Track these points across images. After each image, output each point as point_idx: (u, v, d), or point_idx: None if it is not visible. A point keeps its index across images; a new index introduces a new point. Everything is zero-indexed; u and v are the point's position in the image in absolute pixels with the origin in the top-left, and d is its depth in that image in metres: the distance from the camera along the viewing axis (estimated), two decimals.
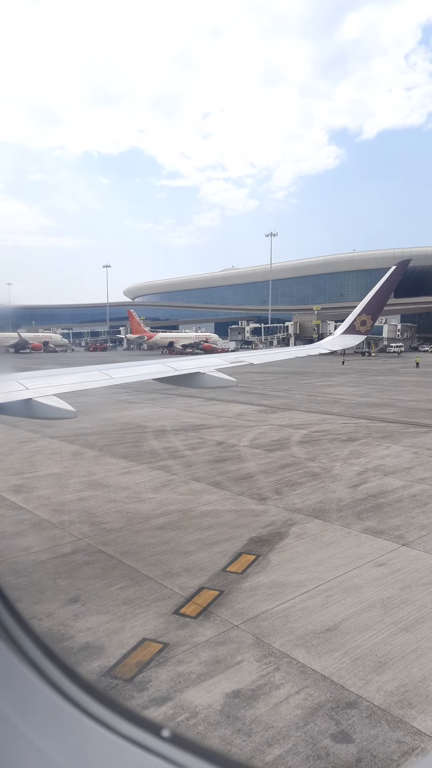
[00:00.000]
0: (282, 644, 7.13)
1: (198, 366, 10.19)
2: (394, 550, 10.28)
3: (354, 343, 15.15)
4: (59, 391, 7.98)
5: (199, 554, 10.07)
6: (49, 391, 7.84)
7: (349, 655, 6.90)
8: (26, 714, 1.23)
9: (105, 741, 1.23)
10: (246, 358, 12.01)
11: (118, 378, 9.22)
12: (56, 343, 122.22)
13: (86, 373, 9.60)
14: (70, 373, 9.76)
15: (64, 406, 7.55)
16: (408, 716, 5.78)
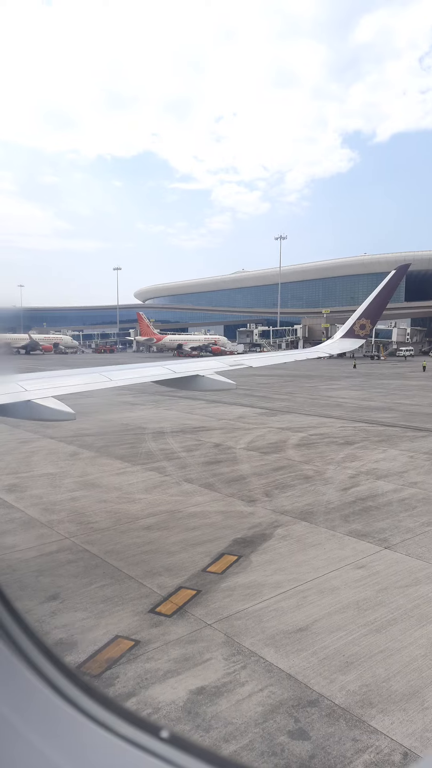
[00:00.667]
0: (252, 643, 7.23)
1: (197, 369, 10.21)
2: (376, 552, 10.33)
3: (354, 346, 15.13)
4: (58, 393, 8.02)
5: (182, 554, 10.20)
6: (48, 393, 7.89)
7: (317, 654, 6.98)
8: (25, 714, 1.23)
9: (104, 742, 1.23)
10: (245, 361, 12.04)
11: (117, 380, 9.27)
12: (66, 345, 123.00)
13: (86, 375, 9.65)
14: (70, 375, 9.79)
15: (62, 408, 7.59)
16: (367, 715, 5.86)
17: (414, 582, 9.08)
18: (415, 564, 9.79)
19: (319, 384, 46.53)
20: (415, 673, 6.60)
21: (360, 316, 14.61)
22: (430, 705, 6.02)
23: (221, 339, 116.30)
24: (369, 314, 14.63)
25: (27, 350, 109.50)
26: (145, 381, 9.87)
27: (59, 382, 8.64)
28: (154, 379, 9.82)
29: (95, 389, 9.10)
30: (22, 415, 7.71)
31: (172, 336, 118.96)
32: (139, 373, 10.05)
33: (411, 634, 7.46)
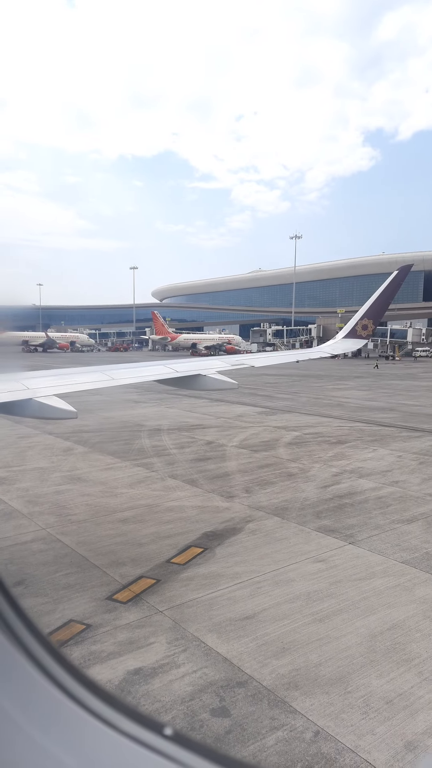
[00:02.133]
0: (197, 629, 7.57)
1: (199, 368, 10.20)
2: (339, 547, 10.59)
3: (356, 347, 15.19)
4: (60, 392, 8.02)
5: (151, 546, 10.57)
6: (50, 392, 7.89)
7: (256, 641, 7.30)
8: (27, 710, 1.23)
9: (106, 738, 1.23)
10: (248, 361, 12.08)
11: (120, 379, 9.32)
12: (83, 343, 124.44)
13: (89, 374, 9.63)
14: (73, 373, 9.86)
15: (64, 406, 7.60)
16: (290, 697, 6.17)
17: (369, 576, 9.34)
18: (374, 559, 10.04)
19: (326, 384, 46.60)
20: (347, 660, 6.88)
21: (362, 316, 14.64)
22: (353, 689, 6.31)
23: (235, 338, 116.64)
24: (371, 314, 14.66)
25: (44, 348, 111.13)
26: (147, 380, 9.89)
27: (62, 380, 8.73)
28: (156, 378, 9.82)
29: (97, 388, 9.14)
30: (24, 413, 7.73)
31: (186, 335, 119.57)
32: (141, 372, 10.10)
33: (352, 624, 7.74)
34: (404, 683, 6.42)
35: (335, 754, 5.32)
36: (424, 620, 7.86)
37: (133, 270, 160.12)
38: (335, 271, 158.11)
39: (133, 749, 1.20)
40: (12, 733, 1.17)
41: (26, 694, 1.29)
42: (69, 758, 1.14)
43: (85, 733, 1.25)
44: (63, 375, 9.32)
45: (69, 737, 1.23)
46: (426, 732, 5.63)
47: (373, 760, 5.24)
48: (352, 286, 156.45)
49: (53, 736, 1.19)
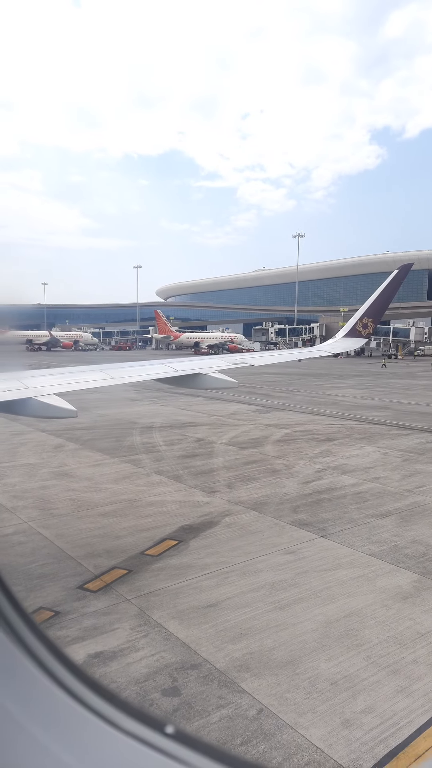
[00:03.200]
0: (160, 616, 7.89)
1: (199, 367, 10.22)
2: (310, 540, 10.89)
3: (356, 346, 15.26)
4: (60, 390, 8.01)
5: (127, 539, 10.90)
6: (50, 390, 7.88)
7: (216, 627, 7.61)
8: (29, 709, 1.23)
9: (107, 737, 1.23)
10: (247, 360, 12.11)
11: (120, 378, 9.30)
12: (86, 342, 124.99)
13: (89, 373, 9.58)
14: (74, 372, 9.78)
15: (64, 405, 7.59)
16: (239, 678, 6.48)
17: (335, 567, 9.63)
18: (342, 551, 10.33)
19: (324, 383, 46.80)
20: (300, 644, 7.19)
21: (362, 315, 14.65)
22: (302, 672, 6.61)
23: (238, 337, 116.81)
24: (371, 313, 14.67)
25: (48, 347, 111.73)
26: (147, 379, 9.87)
27: (63, 379, 8.77)
28: (156, 377, 9.81)
29: (97, 387, 9.09)
30: (24, 412, 7.69)
31: (189, 334, 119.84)
32: (141, 371, 10.07)
33: (310, 612, 8.04)
34: (351, 666, 6.72)
35: (274, 730, 5.63)
36: (381, 609, 8.15)
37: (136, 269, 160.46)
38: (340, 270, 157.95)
39: (134, 747, 1.20)
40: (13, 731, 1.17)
41: (27, 693, 1.29)
42: (70, 757, 1.14)
43: (87, 732, 1.25)
44: (64, 374, 9.33)
45: (70, 736, 1.23)
46: (364, 711, 5.92)
47: (309, 736, 5.54)
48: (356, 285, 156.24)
49: (54, 735, 1.19)
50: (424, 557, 10.05)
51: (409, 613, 8.03)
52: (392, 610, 8.12)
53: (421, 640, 7.29)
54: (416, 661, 6.82)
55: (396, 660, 6.84)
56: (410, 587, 8.86)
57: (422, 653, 6.99)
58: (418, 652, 7.01)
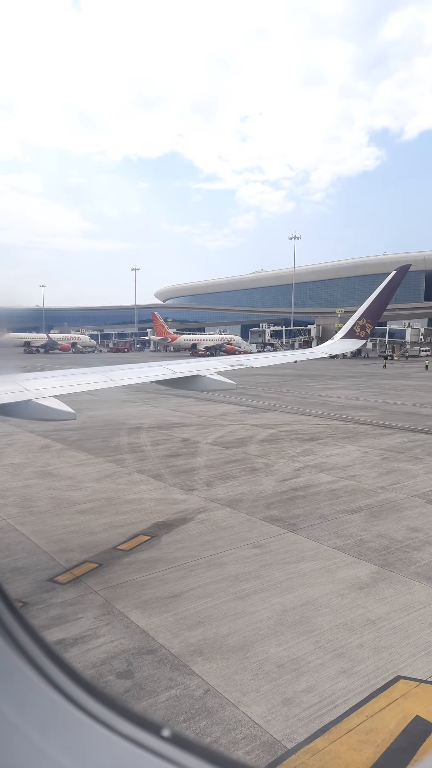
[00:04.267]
0: (124, 606, 8.24)
1: (197, 369, 10.14)
2: (279, 535, 11.24)
3: (354, 347, 15.13)
4: (59, 393, 7.99)
5: (101, 535, 11.25)
6: (48, 393, 7.85)
7: (176, 616, 7.96)
8: (26, 712, 1.23)
9: (105, 740, 1.23)
10: (246, 362, 12.08)
11: (118, 380, 9.23)
12: (84, 344, 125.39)
13: (87, 375, 9.56)
14: (72, 374, 9.69)
15: (62, 407, 7.57)
16: (192, 662, 6.83)
17: (298, 560, 9.98)
18: (308, 545, 10.68)
19: (317, 384, 47.16)
20: (254, 631, 7.54)
21: (360, 316, 14.58)
22: (252, 655, 6.96)
23: (235, 339, 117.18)
24: (369, 315, 14.66)
25: (46, 349, 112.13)
26: (146, 381, 9.77)
27: (61, 381, 8.63)
28: (154, 379, 9.73)
29: (95, 389, 9.01)
30: (22, 414, 7.65)
31: (186, 336, 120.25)
32: (140, 373, 10.00)
33: (268, 601, 8.39)
34: (299, 650, 7.07)
35: (218, 708, 5.98)
36: (337, 598, 8.50)
37: (134, 271, 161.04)
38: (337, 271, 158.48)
39: (131, 751, 1.20)
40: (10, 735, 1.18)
41: (24, 697, 1.29)
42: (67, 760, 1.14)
43: (84, 736, 1.25)
44: (62, 376, 9.26)
45: (67, 739, 1.22)
46: (305, 691, 6.28)
47: (249, 713, 5.89)
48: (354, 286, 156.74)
49: (51, 739, 1.19)
50: (386, 550, 10.40)
51: (363, 602, 8.39)
52: (347, 599, 8.47)
53: (369, 626, 7.64)
54: (362, 646, 7.17)
55: (343, 644, 7.20)
56: (368, 578, 9.21)
57: (369, 638, 7.34)
58: (365, 638, 7.36)
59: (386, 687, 6.32)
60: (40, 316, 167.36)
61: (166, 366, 10.19)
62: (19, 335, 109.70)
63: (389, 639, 7.33)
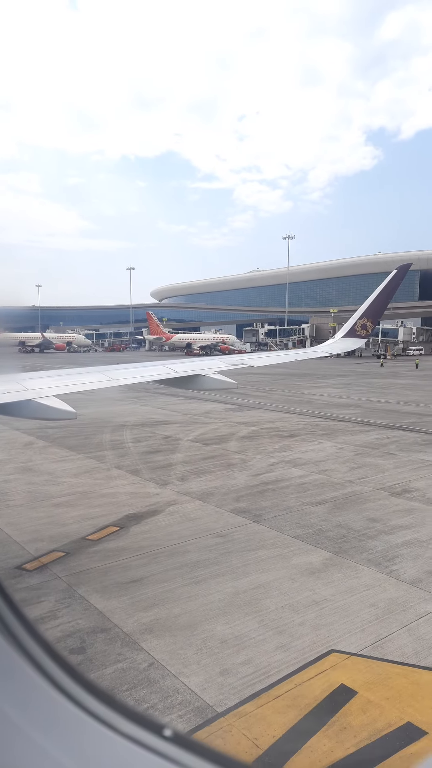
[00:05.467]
0: (85, 591, 8.72)
1: (198, 368, 10.10)
2: (243, 525, 11.72)
3: (355, 346, 15.06)
4: (59, 392, 8.00)
5: (73, 526, 11.72)
6: (49, 392, 7.85)
7: (133, 599, 8.44)
8: (27, 711, 1.23)
9: (106, 739, 1.23)
10: (247, 361, 12.06)
11: (119, 379, 9.21)
12: (79, 344, 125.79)
13: (88, 375, 9.52)
14: (73, 374, 9.62)
15: (63, 407, 7.60)
16: (142, 639, 7.31)
17: (258, 548, 10.47)
18: (269, 534, 11.17)
19: (306, 382, 47.65)
20: (204, 612, 8.02)
21: (361, 315, 14.56)
22: (198, 633, 7.45)
23: (230, 338, 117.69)
24: (370, 314, 14.58)
25: (41, 348, 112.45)
26: (147, 380, 9.72)
27: (61, 381, 8.63)
28: (155, 378, 9.70)
29: (97, 388, 8.99)
30: (23, 414, 7.60)
31: (181, 335, 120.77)
32: (141, 373, 9.94)
33: (222, 585, 8.88)
34: (244, 628, 7.56)
35: (159, 678, 6.47)
36: (287, 582, 8.99)
37: (130, 271, 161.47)
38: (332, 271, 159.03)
39: (132, 750, 1.20)
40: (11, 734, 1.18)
41: (25, 696, 1.29)
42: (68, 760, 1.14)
43: (85, 735, 1.25)
44: (63, 376, 9.17)
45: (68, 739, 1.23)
46: (243, 663, 6.76)
47: (188, 683, 6.38)
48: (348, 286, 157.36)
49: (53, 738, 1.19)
50: (342, 539, 10.90)
51: (312, 585, 8.88)
52: (297, 583, 8.96)
53: (313, 607, 8.14)
54: (303, 624, 7.66)
55: (285, 623, 7.69)
56: (320, 564, 9.70)
57: (310, 617, 7.84)
58: (307, 617, 7.85)
59: (318, 659, 6.81)
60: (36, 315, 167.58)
61: (167, 365, 10.15)
62: (14, 335, 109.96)
63: (329, 618, 7.82)
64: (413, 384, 46.22)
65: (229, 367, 10.69)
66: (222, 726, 5.66)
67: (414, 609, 8.06)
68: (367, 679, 6.43)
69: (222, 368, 10.42)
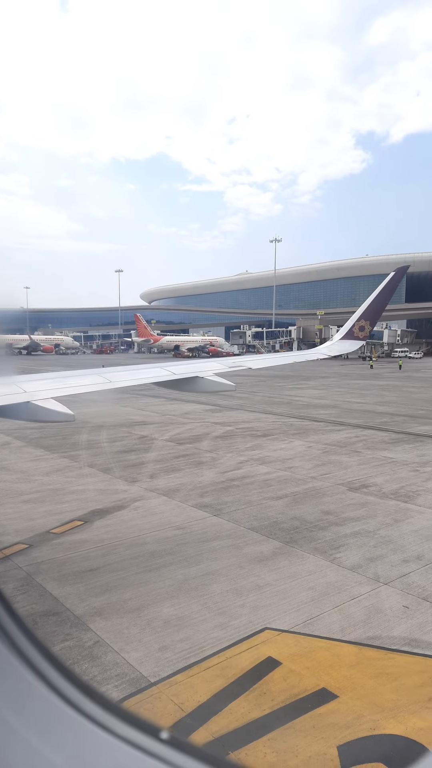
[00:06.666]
0: (43, 579, 9.21)
1: (196, 370, 10.06)
2: (203, 518, 12.26)
3: (353, 348, 14.99)
4: (58, 395, 7.99)
5: (39, 521, 12.20)
6: (47, 395, 7.86)
7: (87, 586, 8.95)
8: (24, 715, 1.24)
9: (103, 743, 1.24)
10: (245, 363, 12.06)
11: (118, 382, 9.19)
12: (67, 346, 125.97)
13: (86, 377, 9.49)
14: (71, 376, 9.52)
15: (62, 409, 7.61)
16: (90, 621, 7.82)
17: (213, 538, 11.01)
18: (226, 526, 11.71)
19: (288, 384, 48.29)
20: (153, 596, 8.54)
21: (359, 317, 14.59)
22: (144, 615, 7.97)
23: (218, 340, 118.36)
24: (368, 316, 14.61)
25: (28, 351, 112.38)
26: (146, 382, 9.67)
27: (59, 383, 8.64)
28: (154, 380, 9.67)
29: (95, 390, 8.96)
30: (21, 416, 7.62)
31: (169, 337, 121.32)
32: (139, 375, 9.93)
33: (174, 572, 9.40)
34: (187, 610, 8.09)
35: (101, 654, 6.99)
36: (235, 569, 9.54)
37: (118, 273, 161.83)
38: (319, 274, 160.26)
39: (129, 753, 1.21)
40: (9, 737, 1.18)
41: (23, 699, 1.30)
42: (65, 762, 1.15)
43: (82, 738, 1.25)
44: (61, 378, 9.13)
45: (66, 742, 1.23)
46: (181, 640, 7.30)
47: (128, 658, 6.90)
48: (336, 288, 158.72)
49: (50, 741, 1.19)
50: (295, 530, 11.47)
51: (258, 572, 9.43)
52: (245, 570, 9.51)
53: (256, 591, 8.69)
54: (243, 606, 8.21)
55: (227, 605, 8.23)
56: (270, 553, 10.26)
57: (251, 599, 8.39)
58: (248, 599, 8.40)
59: (252, 636, 7.36)
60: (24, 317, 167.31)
61: (166, 367, 10.10)
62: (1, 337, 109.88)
63: (269, 600, 8.38)
64: (392, 385, 47.01)
65: (228, 369, 10.63)
66: (153, 694, 6.19)
67: (348, 591, 8.63)
68: (293, 652, 6.99)
69: (220, 370, 10.37)
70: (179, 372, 9.82)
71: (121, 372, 9.81)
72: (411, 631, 7.49)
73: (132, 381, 9.61)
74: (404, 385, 47.67)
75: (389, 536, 11.11)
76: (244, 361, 12.29)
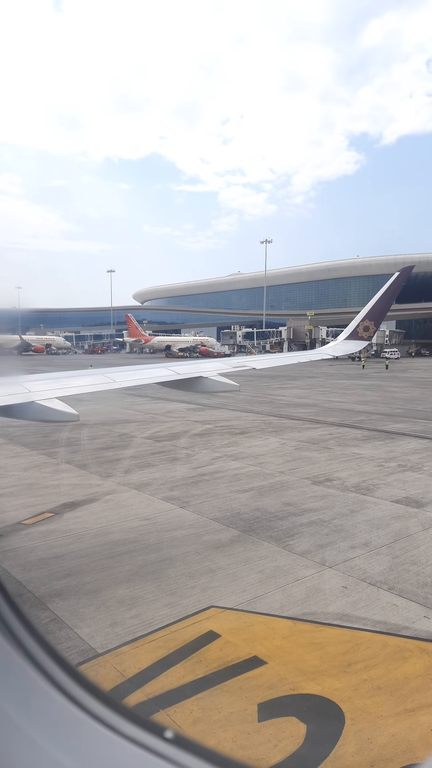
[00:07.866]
0: (9, 565, 9.76)
1: (200, 371, 10.05)
2: (170, 510, 12.84)
3: (357, 348, 15.06)
4: (62, 395, 8.08)
5: (12, 513, 12.75)
6: (52, 395, 7.94)
7: (51, 570, 9.51)
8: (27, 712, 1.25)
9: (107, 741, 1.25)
10: (249, 363, 12.17)
11: (121, 382, 9.27)
12: (58, 346, 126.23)
13: (90, 377, 9.53)
14: (74, 376, 9.61)
15: (66, 409, 7.72)
16: (50, 601, 8.39)
17: (176, 528, 11.60)
18: (190, 517, 12.30)
19: (273, 383, 48.91)
20: (111, 580, 9.12)
21: (364, 317, 14.63)
22: (101, 596, 8.54)
23: (209, 340, 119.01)
24: (372, 316, 14.65)
25: (19, 351, 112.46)
26: (149, 382, 9.70)
27: (63, 383, 8.72)
28: (157, 380, 9.69)
29: (98, 390, 9.03)
30: (26, 416, 7.70)
31: (160, 337, 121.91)
32: (142, 375, 9.94)
33: (135, 558, 9.98)
34: (142, 591, 8.67)
35: (56, 630, 7.54)
36: (193, 555, 10.13)
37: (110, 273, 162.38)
38: (311, 274, 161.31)
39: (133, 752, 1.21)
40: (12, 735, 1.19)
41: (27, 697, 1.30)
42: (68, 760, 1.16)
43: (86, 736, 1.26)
44: (63, 378, 9.21)
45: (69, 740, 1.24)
46: (132, 617, 7.87)
47: (80, 633, 7.47)
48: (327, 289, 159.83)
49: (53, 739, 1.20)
50: (255, 520, 12.07)
51: (213, 557, 10.02)
52: (201, 555, 10.11)
53: (207, 574, 9.28)
54: (194, 587, 8.80)
55: (179, 587, 8.82)
56: (228, 540, 10.86)
57: (203, 581, 8.98)
58: (200, 581, 8.99)
59: (197, 613, 7.95)
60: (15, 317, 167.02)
61: (169, 367, 10.13)
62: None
63: (219, 582, 8.97)
64: (376, 385, 47.74)
65: (232, 369, 10.67)
66: (98, 662, 6.77)
67: (294, 574, 9.24)
68: (233, 626, 7.59)
69: (224, 370, 10.38)
70: (183, 372, 9.86)
71: (125, 372, 9.90)
72: (345, 608, 8.11)
73: (135, 381, 9.71)
74: (388, 384, 48.42)
75: (342, 525, 11.74)
76: (248, 362, 12.35)
